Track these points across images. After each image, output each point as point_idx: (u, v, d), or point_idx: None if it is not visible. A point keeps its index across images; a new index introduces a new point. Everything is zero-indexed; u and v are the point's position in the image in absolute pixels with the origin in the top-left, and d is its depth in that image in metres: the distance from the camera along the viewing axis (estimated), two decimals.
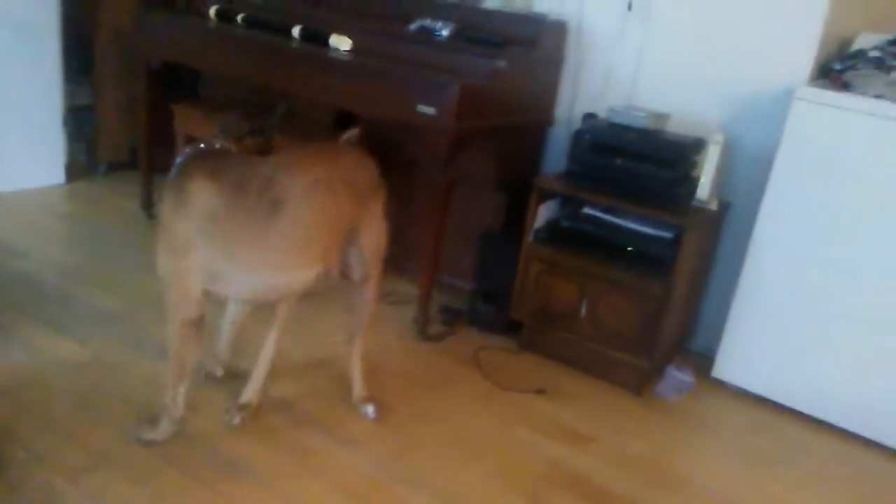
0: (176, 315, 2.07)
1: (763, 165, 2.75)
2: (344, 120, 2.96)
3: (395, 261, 2.52)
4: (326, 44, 3.08)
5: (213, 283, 2.04)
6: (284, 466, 2.13)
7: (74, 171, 4.16)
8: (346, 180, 2.12)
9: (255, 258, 2.03)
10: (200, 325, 2.09)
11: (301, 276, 2.10)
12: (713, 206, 2.79)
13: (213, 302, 2.15)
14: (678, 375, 2.88)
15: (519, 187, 2.94)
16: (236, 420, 2.29)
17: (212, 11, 3.46)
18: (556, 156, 3.26)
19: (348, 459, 2.20)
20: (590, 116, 2.95)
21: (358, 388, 2.43)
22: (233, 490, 2.00)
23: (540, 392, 2.70)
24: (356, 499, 2.05)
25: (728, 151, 2.83)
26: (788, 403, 2.79)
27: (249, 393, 2.35)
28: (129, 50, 3.79)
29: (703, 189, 2.76)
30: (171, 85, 3.79)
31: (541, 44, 3.04)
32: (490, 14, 3.20)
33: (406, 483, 2.13)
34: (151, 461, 2.06)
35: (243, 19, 3.35)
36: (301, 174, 2.05)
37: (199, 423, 2.26)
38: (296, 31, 3.17)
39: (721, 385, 2.91)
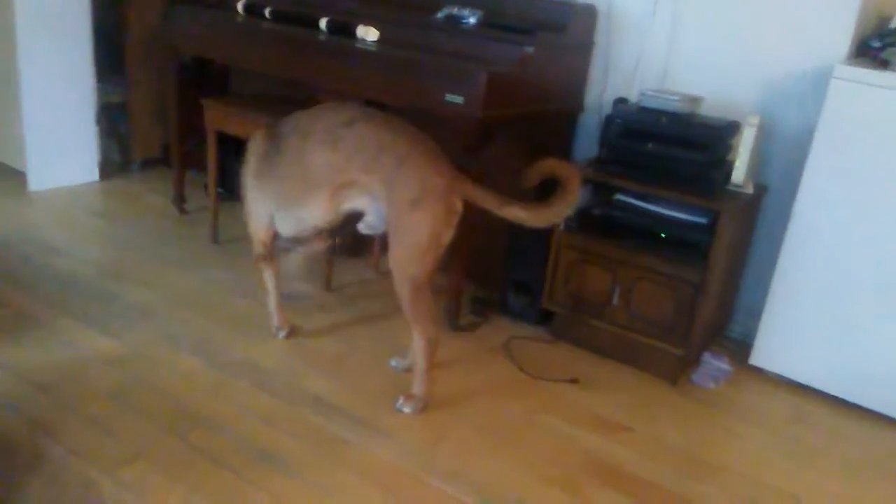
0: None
1: (800, 147, 2.69)
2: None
3: None
4: (354, 35, 3.07)
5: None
6: (317, 458, 2.13)
7: (108, 168, 4.22)
8: (343, 138, 2.29)
9: (280, 195, 2.45)
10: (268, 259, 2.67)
11: (312, 212, 2.39)
12: (749, 190, 2.73)
13: None
14: (715, 363, 2.83)
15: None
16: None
17: (240, 5, 3.47)
18: (587, 142, 3.22)
19: (381, 451, 2.20)
20: (621, 101, 2.90)
21: (414, 388, 2.43)
22: (267, 482, 2.01)
23: (573, 381, 2.67)
24: (389, 490, 2.04)
25: (764, 134, 2.77)
26: (828, 390, 2.73)
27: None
28: (160, 46, 3.82)
29: (739, 173, 2.71)
30: (202, 80, 3.81)
31: (570, 29, 3.00)
32: (518, 0, 3.16)
33: (439, 474, 2.12)
34: (187, 454, 2.08)
35: (271, 13, 3.36)
36: (296, 123, 2.40)
37: (234, 416, 2.27)
38: (323, 23, 3.17)
39: (759, 372, 2.86)
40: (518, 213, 2.29)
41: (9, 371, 2.36)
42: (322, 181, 2.34)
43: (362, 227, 2.45)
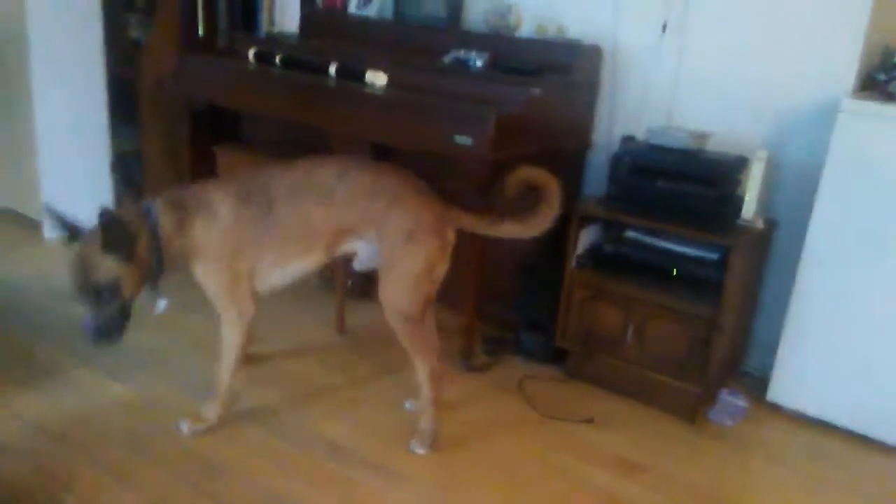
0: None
1: (810, 181, 2.68)
2: (380, 154, 2.98)
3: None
4: (363, 80, 3.11)
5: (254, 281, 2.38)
6: (331, 502, 2.11)
7: None
8: (337, 190, 2.30)
9: (275, 255, 2.35)
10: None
11: (309, 262, 2.38)
12: (759, 225, 2.73)
13: None
14: (731, 400, 2.79)
15: (559, 213, 2.91)
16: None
17: (251, 53, 3.53)
18: (596, 180, 3.23)
19: (394, 493, 2.18)
20: (628, 139, 2.92)
21: (421, 423, 2.43)
22: None
23: (588, 421, 2.65)
24: None
25: (772, 168, 2.77)
26: (848, 426, 2.69)
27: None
28: (173, 95, 3.88)
29: (749, 208, 2.71)
30: (214, 127, 3.86)
31: (576, 69, 3.03)
32: (524, 42, 3.20)
33: None
34: (198, 500, 2.07)
35: (281, 60, 3.41)
36: (280, 179, 2.34)
37: (244, 460, 2.26)
38: (332, 69, 3.21)
39: (777, 408, 2.82)
40: (510, 228, 2.35)
41: (23, 420, 2.37)
42: (320, 234, 2.37)
43: (356, 265, 2.49)
